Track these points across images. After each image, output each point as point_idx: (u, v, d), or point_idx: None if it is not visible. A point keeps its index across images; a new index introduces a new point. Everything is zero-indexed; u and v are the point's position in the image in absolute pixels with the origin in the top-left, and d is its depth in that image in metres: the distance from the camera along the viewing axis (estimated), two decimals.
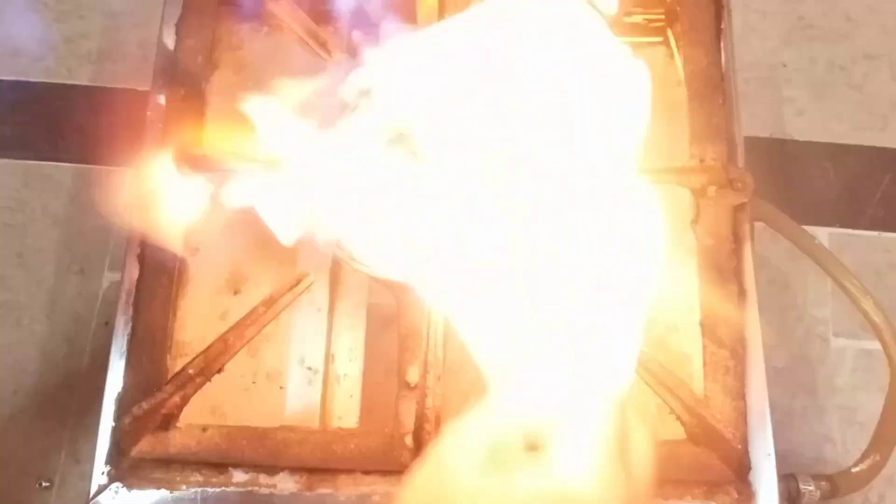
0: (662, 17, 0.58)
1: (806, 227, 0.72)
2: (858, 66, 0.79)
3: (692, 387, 0.45)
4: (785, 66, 0.79)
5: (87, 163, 0.79)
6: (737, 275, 0.46)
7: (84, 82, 0.82)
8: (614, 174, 0.29)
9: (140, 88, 0.81)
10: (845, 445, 0.67)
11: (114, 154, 0.78)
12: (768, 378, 0.69)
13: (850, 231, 0.73)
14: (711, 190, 0.47)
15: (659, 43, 0.60)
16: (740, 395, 0.44)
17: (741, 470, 0.42)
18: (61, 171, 0.79)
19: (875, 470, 0.51)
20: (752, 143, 0.76)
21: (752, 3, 0.81)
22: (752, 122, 0.77)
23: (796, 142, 0.76)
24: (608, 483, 0.23)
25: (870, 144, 0.76)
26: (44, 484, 0.68)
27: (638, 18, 0.60)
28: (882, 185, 0.74)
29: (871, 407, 0.66)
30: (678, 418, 0.43)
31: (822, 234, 0.73)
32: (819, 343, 0.70)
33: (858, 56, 0.79)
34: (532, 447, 0.24)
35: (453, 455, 0.24)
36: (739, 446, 0.42)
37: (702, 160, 0.47)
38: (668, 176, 0.48)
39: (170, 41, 0.54)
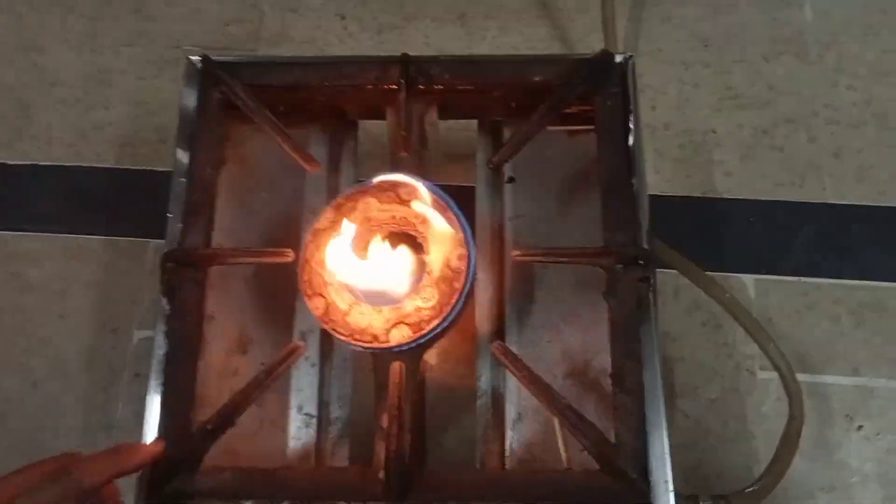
0: (592, 110, 0.70)
1: (734, 275, 0.84)
2: (779, 129, 0.89)
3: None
4: (715, 132, 0.90)
5: (116, 235, 0.91)
6: (640, 334, 0.57)
7: (110, 165, 0.94)
8: None
9: (158, 169, 0.94)
10: None
11: (138, 227, 0.91)
12: (704, 408, 0.81)
13: (773, 277, 0.84)
14: (619, 268, 0.58)
15: (591, 130, 0.72)
16: (642, 435, 0.54)
17: (642, 496, 0.53)
18: (93, 242, 0.90)
19: (766, 490, 0.61)
20: (686, 203, 0.87)
21: (686, 77, 0.93)
22: (687, 183, 0.88)
23: (725, 199, 0.87)
24: None
25: (790, 199, 0.87)
26: None
27: (573, 110, 0.71)
28: (800, 236, 0.85)
29: None
30: (591, 455, 0.55)
31: (749, 281, 0.83)
32: (747, 376, 0.80)
33: (780, 120, 0.90)
34: None
35: None
36: (638, 477, 0.53)
37: (609, 245, 0.59)
38: (584, 258, 0.60)
39: (183, 155, 0.65)
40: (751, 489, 0.61)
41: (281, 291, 0.69)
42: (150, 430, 0.57)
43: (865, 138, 0.88)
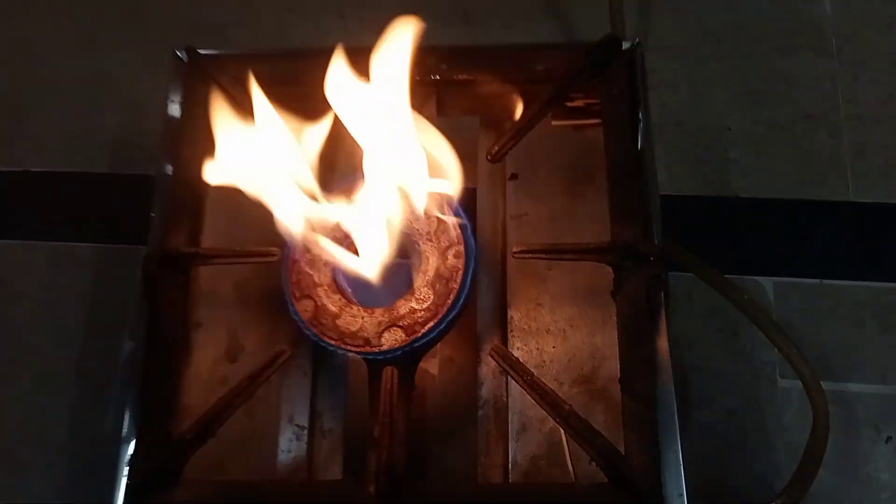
0: (600, 102, 0.66)
1: (751, 278, 0.79)
2: (798, 125, 0.85)
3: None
4: (730, 129, 0.86)
5: (109, 243, 0.88)
6: (651, 337, 0.53)
7: (103, 170, 0.92)
8: None
9: (151, 174, 0.91)
10: None
11: (132, 234, 0.88)
12: (722, 420, 0.76)
13: (793, 280, 0.79)
14: (627, 265, 0.54)
15: (599, 124, 0.68)
16: (654, 444, 0.50)
17: None
18: (84, 250, 0.87)
19: None
20: (701, 203, 0.83)
21: (698, 73, 0.89)
22: (701, 183, 0.83)
23: (741, 199, 0.83)
24: None
25: (809, 198, 0.82)
26: None
27: (580, 103, 0.68)
28: (821, 236, 0.81)
29: None
30: (598, 466, 0.50)
31: (768, 284, 0.79)
32: (767, 385, 0.75)
33: (798, 117, 0.86)
34: None
35: None
36: (650, 490, 0.49)
37: (617, 240, 0.55)
38: (590, 255, 0.56)
39: (167, 153, 0.63)
40: None
41: (273, 296, 0.65)
42: (127, 447, 0.54)
43: (890, 134, 0.84)
